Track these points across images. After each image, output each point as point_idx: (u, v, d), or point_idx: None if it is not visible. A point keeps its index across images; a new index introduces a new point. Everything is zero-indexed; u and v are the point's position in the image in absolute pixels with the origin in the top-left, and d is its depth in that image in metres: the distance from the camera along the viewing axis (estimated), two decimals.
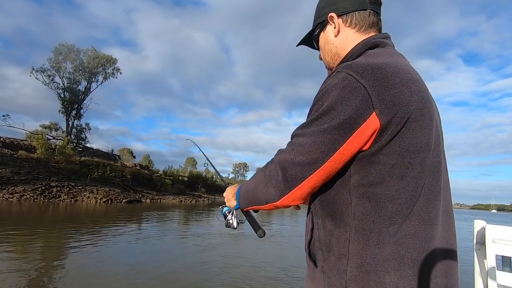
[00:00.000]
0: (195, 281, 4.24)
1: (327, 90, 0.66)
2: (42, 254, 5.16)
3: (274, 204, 0.73)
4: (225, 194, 0.99)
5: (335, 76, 0.67)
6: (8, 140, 21.58)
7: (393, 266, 0.61)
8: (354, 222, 0.64)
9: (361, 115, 0.61)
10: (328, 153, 0.63)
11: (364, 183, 0.64)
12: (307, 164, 0.65)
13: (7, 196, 13.98)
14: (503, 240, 0.76)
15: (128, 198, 18.83)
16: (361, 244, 0.63)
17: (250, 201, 0.82)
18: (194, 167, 58.07)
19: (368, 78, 0.62)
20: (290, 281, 4.57)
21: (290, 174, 0.67)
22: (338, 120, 0.62)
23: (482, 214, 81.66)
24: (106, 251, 5.66)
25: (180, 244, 7.02)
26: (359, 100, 0.61)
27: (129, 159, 40.12)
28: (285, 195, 0.69)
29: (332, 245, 0.67)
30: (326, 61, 0.90)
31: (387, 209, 0.63)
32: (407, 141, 0.63)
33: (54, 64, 26.91)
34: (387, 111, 0.61)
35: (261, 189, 0.74)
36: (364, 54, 0.75)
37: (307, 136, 0.66)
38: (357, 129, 0.61)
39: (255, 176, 0.79)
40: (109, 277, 4.13)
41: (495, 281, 0.76)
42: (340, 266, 0.64)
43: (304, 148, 0.66)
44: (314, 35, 0.90)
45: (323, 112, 0.65)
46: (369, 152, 0.63)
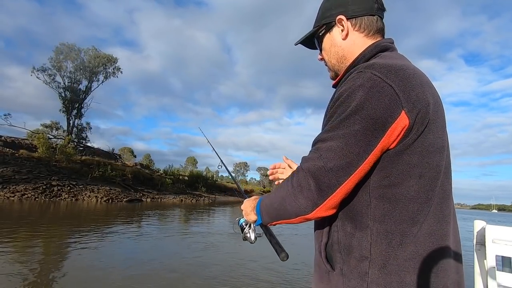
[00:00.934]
0: (195, 280, 4.25)
1: (352, 91, 0.64)
2: (43, 253, 5.18)
3: (305, 216, 0.67)
4: (243, 207, 0.92)
5: (359, 77, 0.65)
6: (9, 139, 21.62)
7: (413, 265, 0.62)
8: (375, 224, 0.64)
9: (392, 113, 0.60)
10: (363, 155, 0.61)
11: (385, 183, 0.64)
12: (341, 169, 0.61)
13: (8, 195, 14.02)
14: (503, 240, 0.76)
15: (129, 197, 18.86)
16: (383, 245, 0.63)
17: (276, 216, 0.74)
18: (194, 166, 58.14)
19: (393, 78, 0.62)
20: (294, 281, 4.57)
21: (323, 182, 0.62)
22: (370, 120, 0.60)
23: (482, 214, 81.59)
24: (107, 250, 5.67)
25: (181, 243, 7.04)
26: (388, 99, 0.61)
27: (130, 158, 40.18)
28: (319, 206, 0.63)
29: (353, 247, 0.65)
30: (330, 63, 0.88)
31: (408, 209, 0.63)
32: (428, 141, 0.65)
33: (55, 64, 26.92)
34: (413, 110, 0.62)
35: (290, 202, 0.67)
36: (377, 56, 0.75)
37: (336, 139, 0.63)
38: (389, 128, 0.61)
39: (280, 188, 0.73)
40: (110, 276, 4.13)
41: (495, 282, 0.76)
42: (362, 268, 0.64)
43: (336, 153, 0.62)
44: (319, 35, 0.87)
45: (352, 113, 0.62)
46: (394, 151, 0.63)
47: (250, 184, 72.41)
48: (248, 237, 0.95)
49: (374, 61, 0.69)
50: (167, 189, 26.06)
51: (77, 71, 28.04)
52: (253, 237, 0.96)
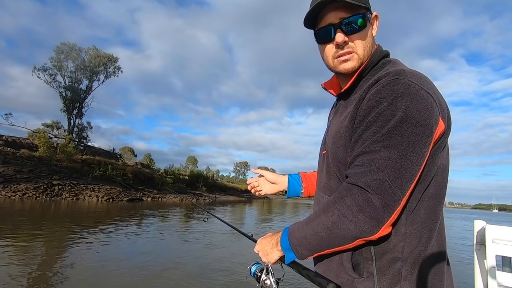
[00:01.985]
0: (196, 280, 4.26)
1: (395, 98, 0.62)
2: (44, 252, 5.19)
3: (368, 238, 0.60)
4: (259, 248, 0.81)
5: (397, 83, 0.63)
6: (10, 139, 21.67)
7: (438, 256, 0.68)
8: (408, 227, 0.66)
9: (435, 120, 0.63)
10: (420, 162, 0.61)
11: (420, 187, 0.66)
12: (404, 179, 0.58)
13: (9, 194, 14.05)
14: (503, 240, 0.76)
15: (130, 197, 18.89)
16: (414, 244, 0.66)
17: (322, 246, 0.66)
18: (195, 166, 58.17)
19: (426, 85, 0.65)
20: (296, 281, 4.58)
21: (388, 196, 0.57)
22: (421, 127, 0.60)
23: (483, 214, 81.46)
24: (108, 249, 5.68)
25: (181, 242, 7.05)
26: (430, 106, 0.62)
27: (131, 158, 40.25)
28: (385, 223, 0.58)
29: (387, 252, 0.65)
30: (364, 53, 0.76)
31: (432, 207, 0.68)
32: (447, 144, 0.71)
33: (55, 63, 26.98)
34: (445, 115, 0.67)
35: (346, 226, 0.60)
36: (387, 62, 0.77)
37: (392, 148, 0.59)
38: (434, 134, 0.63)
39: (325, 213, 0.65)
40: (110, 274, 4.14)
41: (495, 281, 0.75)
42: (394, 269, 0.65)
43: (396, 162, 0.58)
44: (368, 16, 0.75)
45: (402, 120, 0.60)
46: (431, 154, 0.66)
47: None
48: (268, 285, 0.80)
49: (401, 68, 0.69)
50: (168, 188, 26.09)
51: (77, 70, 28.10)
52: (274, 284, 0.80)
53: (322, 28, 0.77)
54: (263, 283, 0.81)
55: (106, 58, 29.19)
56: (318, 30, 0.79)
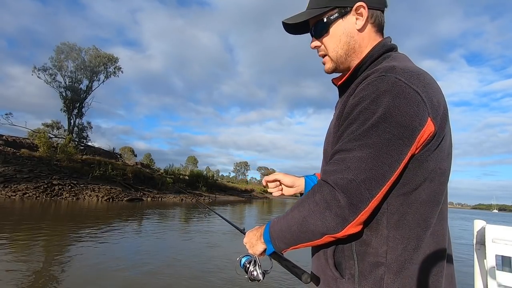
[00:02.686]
0: (196, 279, 4.26)
1: (377, 96, 0.60)
2: (44, 251, 5.19)
3: (334, 235, 0.61)
4: (246, 240, 0.84)
5: (382, 81, 0.61)
6: (10, 139, 21.65)
7: (426, 267, 0.63)
8: (391, 231, 0.63)
9: (420, 121, 0.58)
10: (395, 165, 0.58)
11: (404, 191, 0.63)
12: (374, 181, 0.57)
13: (10, 194, 14.05)
14: (503, 240, 0.76)
15: (130, 197, 18.87)
16: (399, 251, 0.62)
17: (294, 240, 0.67)
18: (195, 165, 58.17)
19: (417, 83, 0.60)
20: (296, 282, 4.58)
21: (355, 196, 0.57)
22: (401, 128, 0.57)
23: (483, 214, 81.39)
24: (108, 248, 5.68)
25: (181, 241, 7.05)
26: (416, 105, 0.58)
27: (131, 157, 40.24)
28: (351, 223, 0.58)
29: (368, 254, 0.64)
30: (335, 54, 0.77)
31: (421, 213, 0.63)
32: (442, 147, 0.64)
33: (56, 63, 26.94)
34: (437, 116, 0.61)
35: (315, 221, 0.61)
36: (387, 57, 0.72)
37: (365, 148, 0.58)
38: (417, 136, 0.59)
39: (298, 208, 0.66)
40: (111, 274, 4.15)
41: (495, 281, 0.76)
42: (377, 274, 0.62)
43: (367, 163, 0.57)
44: (328, 18, 0.75)
45: (380, 120, 0.58)
46: (416, 158, 0.62)
47: (250, 183, 72.38)
48: (255, 276, 0.85)
49: (393, 64, 0.65)
50: (168, 188, 26.08)
51: (77, 70, 28.06)
52: (261, 275, 0.85)
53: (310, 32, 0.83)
54: (250, 274, 0.85)
55: (106, 58, 29.16)
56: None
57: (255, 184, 73.50)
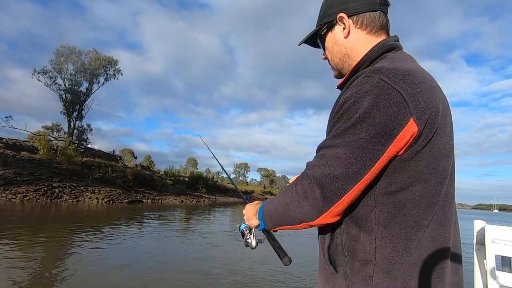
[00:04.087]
0: (197, 281, 4.25)
1: (359, 97, 0.62)
2: (45, 254, 5.19)
3: (310, 223, 0.66)
4: (245, 212, 0.91)
5: (365, 82, 0.63)
6: (10, 141, 21.64)
7: (418, 270, 0.62)
8: (380, 228, 0.63)
9: (400, 121, 0.59)
10: (369, 163, 0.60)
11: (391, 189, 0.63)
12: (347, 177, 0.60)
13: (10, 196, 14.03)
14: (503, 240, 0.76)
15: (130, 198, 18.85)
16: (388, 250, 0.63)
17: (279, 221, 0.74)
18: (195, 167, 58.08)
19: (401, 83, 0.61)
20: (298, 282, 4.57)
21: (328, 189, 0.61)
22: (378, 128, 0.59)
23: (483, 214, 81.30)
24: (108, 250, 5.68)
25: (181, 243, 7.04)
26: (396, 106, 0.59)
27: (131, 159, 40.18)
28: (324, 213, 0.63)
29: (357, 251, 0.65)
30: (334, 62, 0.86)
31: (413, 214, 0.63)
32: (435, 147, 0.64)
33: (55, 66, 26.98)
34: (422, 116, 0.61)
35: (294, 208, 0.67)
36: (384, 57, 0.73)
37: (343, 146, 0.61)
38: (397, 136, 0.59)
39: (284, 193, 0.72)
40: (111, 276, 4.14)
41: (495, 281, 0.76)
42: (366, 272, 0.63)
43: (342, 160, 0.61)
44: (321, 34, 0.86)
45: (359, 120, 0.60)
46: (401, 158, 0.63)
47: (250, 185, 72.30)
48: (249, 242, 0.94)
49: (382, 65, 0.67)
50: (168, 190, 26.06)
51: (77, 73, 28.09)
52: (255, 243, 0.94)
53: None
54: (245, 240, 0.95)
55: (106, 61, 29.20)
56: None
57: (255, 185, 73.40)
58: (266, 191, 63.43)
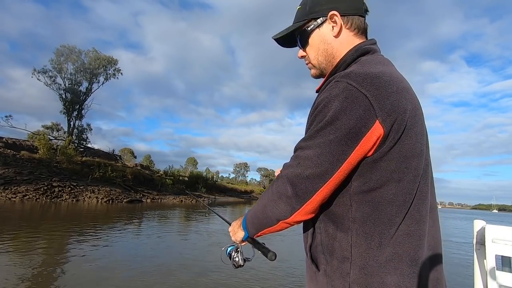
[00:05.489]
0: (198, 279, 4.26)
1: (328, 101, 0.65)
2: (44, 253, 5.19)
3: (285, 221, 0.70)
4: (230, 229, 0.93)
5: (335, 86, 0.66)
6: (10, 141, 21.64)
7: (393, 266, 0.64)
8: (355, 226, 0.66)
9: (365, 123, 0.61)
10: (337, 164, 0.63)
11: (364, 189, 0.66)
12: (317, 177, 0.64)
13: (10, 196, 14.03)
14: (503, 240, 0.76)
15: (129, 198, 18.85)
16: (363, 247, 0.65)
17: (260, 225, 0.77)
18: (194, 167, 58.10)
19: (368, 87, 0.63)
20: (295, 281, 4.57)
21: (300, 188, 0.65)
22: (344, 130, 0.62)
23: (482, 214, 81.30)
24: (108, 250, 5.68)
25: (182, 242, 7.04)
26: (362, 109, 0.61)
27: (130, 159, 40.17)
28: (297, 211, 0.67)
29: (335, 248, 0.68)
30: (317, 61, 0.84)
31: (386, 212, 0.66)
32: (405, 147, 0.66)
33: (55, 65, 26.98)
34: (388, 118, 0.63)
35: (271, 208, 0.71)
36: (357, 61, 0.75)
37: (313, 148, 0.65)
38: (363, 138, 0.62)
39: (262, 196, 0.76)
40: (110, 275, 4.14)
41: (495, 281, 0.76)
42: (343, 269, 0.66)
43: (312, 161, 0.65)
44: (305, 30, 0.82)
45: (327, 123, 0.64)
46: (371, 158, 0.65)
47: (250, 184, 72.29)
48: (236, 261, 0.95)
49: (351, 69, 0.69)
50: (167, 189, 26.06)
51: (77, 72, 28.09)
52: (241, 261, 0.95)
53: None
54: (233, 260, 0.96)
55: (106, 60, 29.18)
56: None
57: (254, 185, 73.43)
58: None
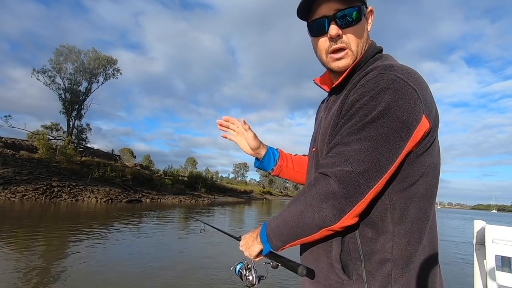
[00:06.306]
0: (197, 279, 4.25)
1: (377, 93, 0.62)
2: (44, 253, 5.18)
3: (331, 227, 0.61)
4: (243, 243, 0.82)
5: (381, 78, 0.63)
6: (10, 141, 21.61)
7: (428, 259, 0.66)
8: (396, 226, 0.64)
9: (416, 117, 0.60)
10: (392, 158, 0.59)
11: (403, 185, 0.64)
12: (372, 173, 0.58)
13: (9, 195, 14.01)
14: (503, 240, 0.76)
15: (129, 198, 18.83)
16: (403, 246, 0.64)
17: (291, 235, 0.67)
18: (194, 167, 58.09)
19: (414, 81, 0.62)
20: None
21: (352, 187, 0.58)
22: (398, 123, 0.59)
23: (482, 214, 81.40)
24: (107, 250, 5.67)
25: (180, 242, 7.03)
26: (413, 102, 0.60)
27: (130, 159, 40.17)
28: (347, 213, 0.59)
29: (375, 252, 0.64)
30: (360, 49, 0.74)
31: (422, 207, 0.66)
32: (436, 143, 0.68)
33: (55, 65, 26.94)
34: (430, 114, 0.63)
35: (311, 213, 0.61)
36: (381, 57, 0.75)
37: (365, 142, 0.59)
38: (414, 132, 0.60)
39: (294, 203, 0.66)
40: (109, 275, 4.13)
41: (495, 282, 0.76)
42: (384, 271, 0.63)
43: (365, 156, 0.59)
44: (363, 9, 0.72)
45: (379, 115, 0.60)
46: (415, 153, 0.64)
47: (249, 184, 72.31)
48: (250, 280, 0.83)
49: (390, 63, 0.67)
50: (167, 189, 26.04)
51: (77, 72, 28.06)
52: (255, 280, 0.83)
53: (315, 20, 0.74)
54: (246, 280, 0.84)
55: (105, 60, 29.15)
56: (312, 22, 0.75)
57: (254, 185, 73.46)
58: (265, 190, 63.36)
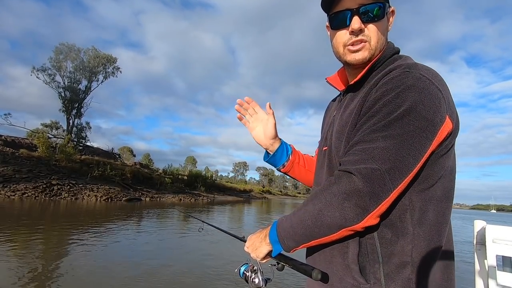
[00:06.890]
0: (194, 278, 4.26)
1: (402, 91, 0.60)
2: (43, 251, 5.18)
3: (353, 227, 0.58)
4: (249, 244, 0.79)
5: (406, 76, 0.62)
6: (9, 139, 21.58)
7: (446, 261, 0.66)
8: (416, 228, 0.62)
9: (441, 117, 0.60)
10: (418, 157, 0.58)
11: (424, 186, 0.63)
12: (398, 171, 0.57)
13: (9, 194, 14.00)
14: (503, 240, 0.76)
15: (128, 197, 18.83)
16: (423, 248, 0.62)
17: (307, 235, 0.64)
18: (194, 166, 58.09)
19: (438, 81, 0.63)
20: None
21: (378, 185, 0.56)
22: (424, 122, 0.58)
23: (481, 214, 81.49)
24: (106, 248, 5.67)
25: (180, 241, 7.03)
26: (438, 102, 0.60)
27: (129, 157, 40.17)
28: (370, 213, 0.57)
29: (394, 255, 0.62)
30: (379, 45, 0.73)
31: (441, 209, 0.65)
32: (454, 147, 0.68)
33: (54, 63, 26.89)
34: (453, 114, 0.63)
35: (332, 212, 0.59)
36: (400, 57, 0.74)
37: (391, 139, 0.58)
38: (439, 131, 0.60)
39: (313, 200, 0.64)
40: (109, 273, 4.14)
41: (495, 282, 0.76)
42: (404, 274, 0.61)
43: (391, 153, 0.57)
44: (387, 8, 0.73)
45: (405, 113, 0.58)
46: (438, 154, 0.63)
47: (249, 183, 72.35)
48: (256, 283, 0.79)
49: (413, 62, 0.67)
50: (166, 188, 26.04)
51: (76, 71, 28.02)
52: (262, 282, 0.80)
53: (338, 12, 0.73)
54: (251, 283, 0.80)
55: (105, 59, 29.10)
56: (334, 14, 0.74)
57: (254, 184, 73.48)
58: (265, 190, 63.38)
